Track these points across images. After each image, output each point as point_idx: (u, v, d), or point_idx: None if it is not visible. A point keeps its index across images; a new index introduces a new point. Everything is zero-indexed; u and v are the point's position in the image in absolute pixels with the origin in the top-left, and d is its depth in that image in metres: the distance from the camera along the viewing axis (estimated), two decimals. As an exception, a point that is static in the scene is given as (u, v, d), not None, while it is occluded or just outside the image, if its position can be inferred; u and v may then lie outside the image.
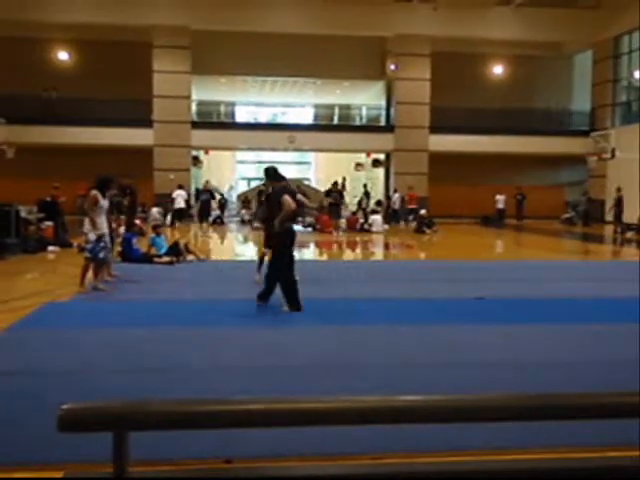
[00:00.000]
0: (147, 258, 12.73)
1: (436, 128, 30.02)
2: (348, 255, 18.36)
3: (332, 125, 33.02)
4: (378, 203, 27.73)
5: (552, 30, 29.92)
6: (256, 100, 37.58)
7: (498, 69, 32.22)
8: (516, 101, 31.46)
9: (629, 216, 23.62)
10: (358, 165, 34.54)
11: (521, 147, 30.49)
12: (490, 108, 30.60)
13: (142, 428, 1.64)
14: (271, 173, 8.53)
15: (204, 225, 24.41)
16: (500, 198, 28.01)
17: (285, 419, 1.66)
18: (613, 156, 24.04)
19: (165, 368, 5.40)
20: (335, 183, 27.09)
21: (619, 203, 23.20)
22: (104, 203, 9.40)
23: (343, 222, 24.02)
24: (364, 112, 34.60)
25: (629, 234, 22.28)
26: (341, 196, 27.47)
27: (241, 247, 20.02)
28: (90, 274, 9.65)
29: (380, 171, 33.28)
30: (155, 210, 23.97)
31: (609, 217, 25.80)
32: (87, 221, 9.37)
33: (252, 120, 36.79)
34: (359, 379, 5.05)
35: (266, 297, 8.11)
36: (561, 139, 30.96)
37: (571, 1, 29.98)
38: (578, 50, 32.58)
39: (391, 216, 27.09)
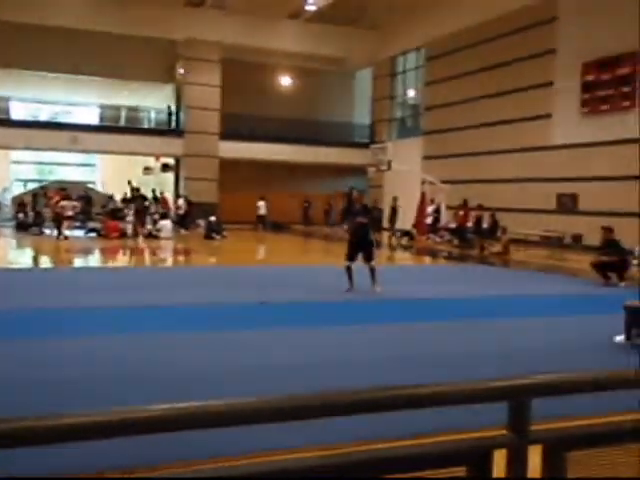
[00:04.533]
0: None
1: (227, 135, 30.21)
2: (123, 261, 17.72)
3: (119, 127, 31.73)
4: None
5: (336, 46, 31.57)
6: (35, 96, 35.03)
7: (287, 80, 33.19)
8: (304, 112, 32.70)
9: (404, 223, 25.49)
10: (147, 169, 33.64)
11: (308, 156, 31.72)
12: (280, 117, 31.48)
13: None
14: None
15: None
16: (261, 204, 28.72)
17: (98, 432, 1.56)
18: (389, 167, 25.81)
19: None
20: (138, 189, 26.20)
21: (394, 211, 24.99)
22: None
23: (129, 227, 23.09)
24: (153, 115, 33.77)
25: (403, 240, 24.05)
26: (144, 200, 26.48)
27: (15, 254, 18.48)
28: None
29: (170, 176, 32.71)
30: None
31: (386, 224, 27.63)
32: None
33: (31, 118, 34.20)
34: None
35: None
36: (344, 150, 32.73)
37: (353, 20, 31.81)
38: (360, 67, 34.64)
39: (179, 222, 26.58)
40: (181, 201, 27.16)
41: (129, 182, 28.72)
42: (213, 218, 24.25)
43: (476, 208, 21.95)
